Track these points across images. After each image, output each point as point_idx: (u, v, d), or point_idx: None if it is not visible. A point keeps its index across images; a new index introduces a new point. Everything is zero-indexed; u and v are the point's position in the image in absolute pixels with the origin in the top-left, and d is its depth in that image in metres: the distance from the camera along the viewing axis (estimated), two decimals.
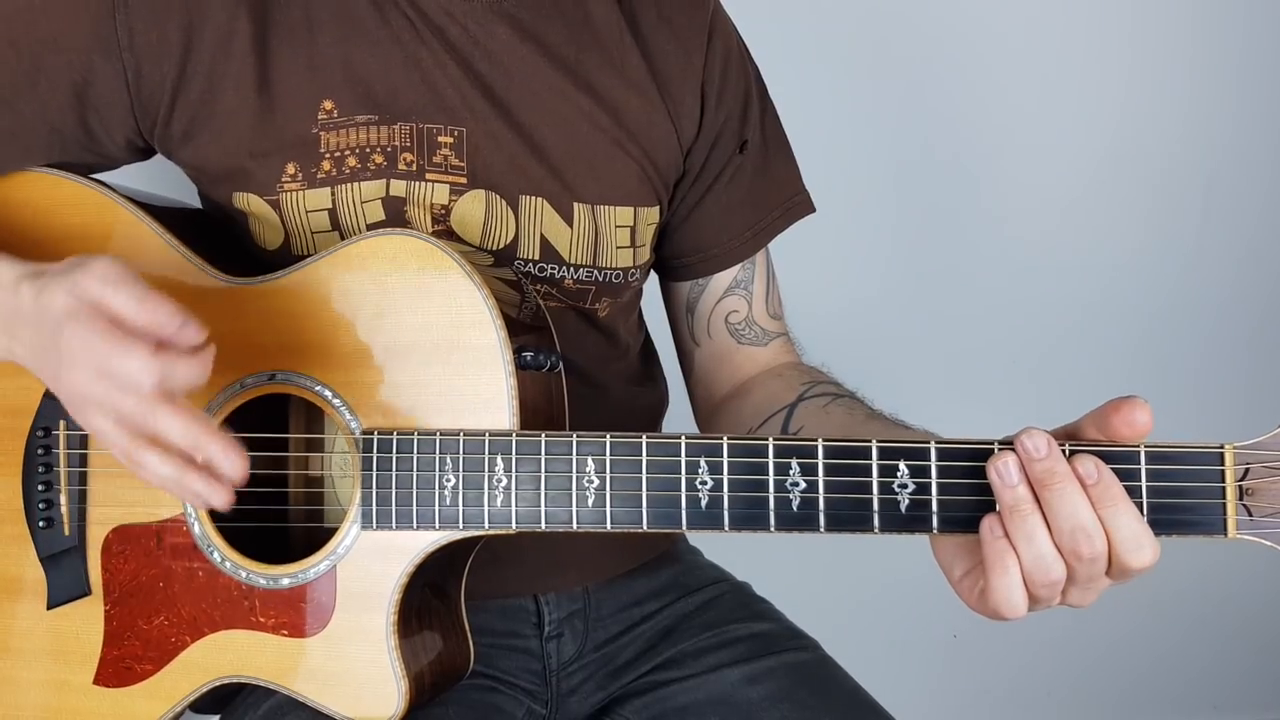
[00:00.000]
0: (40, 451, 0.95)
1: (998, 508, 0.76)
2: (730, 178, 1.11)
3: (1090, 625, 1.94)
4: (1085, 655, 2.01)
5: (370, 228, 0.98)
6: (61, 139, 0.98)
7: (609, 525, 0.83)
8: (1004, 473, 0.75)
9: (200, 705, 0.94)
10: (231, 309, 0.92)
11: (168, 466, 0.80)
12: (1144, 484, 0.76)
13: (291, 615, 0.89)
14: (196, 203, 1.07)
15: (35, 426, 0.95)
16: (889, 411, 0.99)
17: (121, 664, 0.93)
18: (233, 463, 0.79)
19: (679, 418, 1.19)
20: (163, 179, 1.08)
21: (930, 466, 0.79)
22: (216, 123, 0.97)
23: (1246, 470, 0.76)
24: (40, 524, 0.94)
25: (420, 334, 0.87)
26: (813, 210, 1.16)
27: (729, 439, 0.82)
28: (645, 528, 0.83)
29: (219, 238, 1.01)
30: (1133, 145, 1.83)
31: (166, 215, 0.97)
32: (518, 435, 0.85)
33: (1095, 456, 0.75)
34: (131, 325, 0.78)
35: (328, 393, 0.89)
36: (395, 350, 0.88)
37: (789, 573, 1.34)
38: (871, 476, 0.79)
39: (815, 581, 1.64)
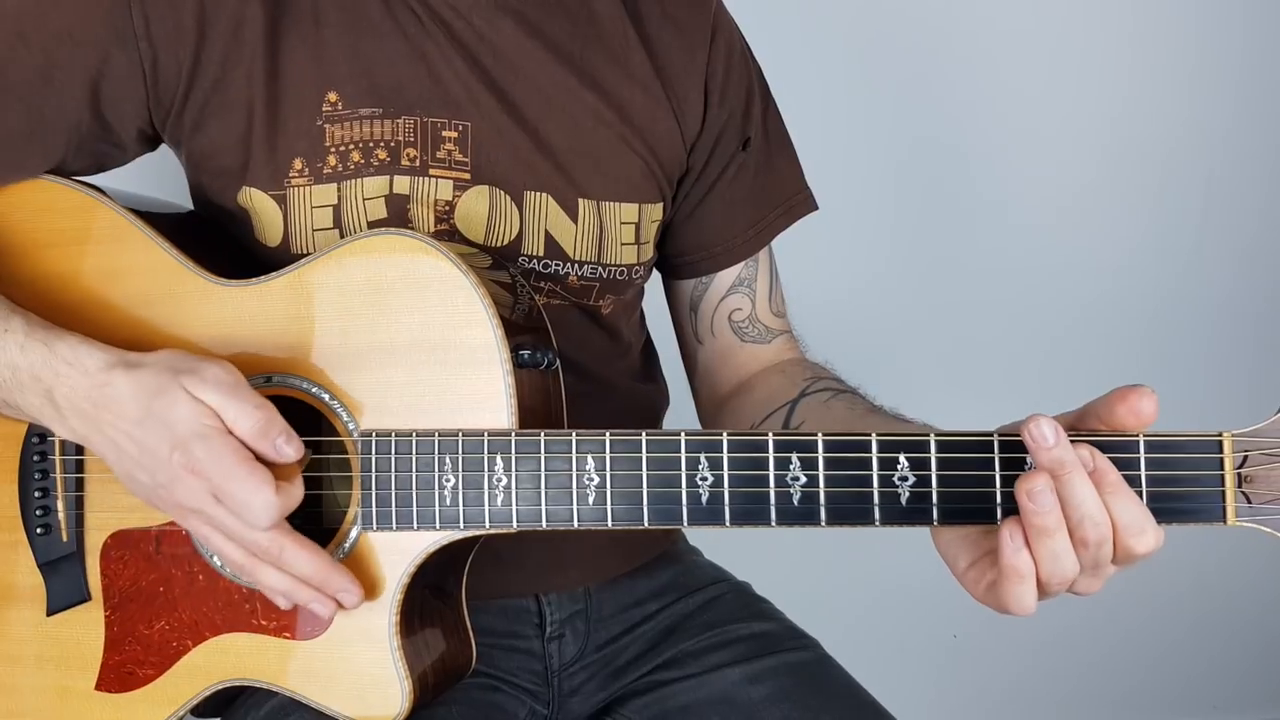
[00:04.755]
0: (36, 458, 0.95)
1: (1020, 520, 0.75)
2: (733, 175, 1.11)
3: (1090, 626, 1.94)
4: (1085, 655, 2.01)
5: (371, 226, 0.98)
6: (79, 134, 0.97)
7: (610, 523, 0.83)
8: (1037, 498, 0.73)
9: (202, 709, 0.94)
10: (225, 312, 0.91)
11: (285, 582, 0.84)
12: (1143, 473, 0.76)
13: (293, 617, 0.89)
14: (187, 205, 1.06)
15: (30, 433, 0.95)
16: (890, 407, 0.99)
17: (123, 669, 0.93)
18: (356, 596, 0.85)
19: (680, 417, 1.19)
20: (157, 180, 1.08)
21: (930, 459, 0.79)
22: (227, 111, 0.97)
23: (1245, 458, 0.76)
24: (38, 530, 0.94)
25: (417, 334, 0.87)
26: (815, 208, 1.16)
27: (729, 434, 0.82)
28: (646, 525, 0.83)
29: (211, 241, 1.00)
30: (1133, 142, 1.83)
31: (157, 220, 0.96)
32: (517, 434, 0.85)
33: (1090, 444, 0.75)
34: (254, 448, 0.82)
35: (325, 395, 0.89)
36: (392, 350, 0.88)
37: (789, 573, 1.34)
38: (872, 470, 0.79)
39: (815, 581, 1.64)
